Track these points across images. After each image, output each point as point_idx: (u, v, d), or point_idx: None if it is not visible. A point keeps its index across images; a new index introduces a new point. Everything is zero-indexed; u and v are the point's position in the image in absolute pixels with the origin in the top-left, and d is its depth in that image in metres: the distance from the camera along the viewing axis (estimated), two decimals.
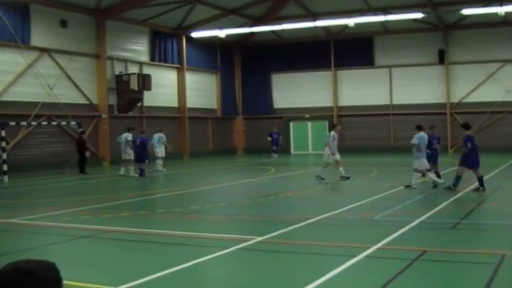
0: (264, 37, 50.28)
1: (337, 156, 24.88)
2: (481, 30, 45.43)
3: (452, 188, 19.82)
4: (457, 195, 19.09)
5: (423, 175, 21.83)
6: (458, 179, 20.00)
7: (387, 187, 21.18)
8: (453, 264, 10.38)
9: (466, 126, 21.01)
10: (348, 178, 24.49)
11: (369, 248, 11.06)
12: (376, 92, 48.54)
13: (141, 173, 28.97)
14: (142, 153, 29.41)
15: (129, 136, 30.91)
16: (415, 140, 21.43)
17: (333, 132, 25.59)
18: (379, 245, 11.32)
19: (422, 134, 21.75)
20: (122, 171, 30.33)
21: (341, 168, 24.74)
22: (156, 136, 32.49)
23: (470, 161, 20.04)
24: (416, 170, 21.45)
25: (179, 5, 41.27)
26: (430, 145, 22.01)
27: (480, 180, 19.90)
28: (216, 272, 10.38)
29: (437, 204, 16.79)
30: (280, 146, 45.69)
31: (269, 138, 45.55)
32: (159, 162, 31.63)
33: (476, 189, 19.85)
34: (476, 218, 15.11)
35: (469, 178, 20.81)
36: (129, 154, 30.36)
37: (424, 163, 21.36)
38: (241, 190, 22.50)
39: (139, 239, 13.02)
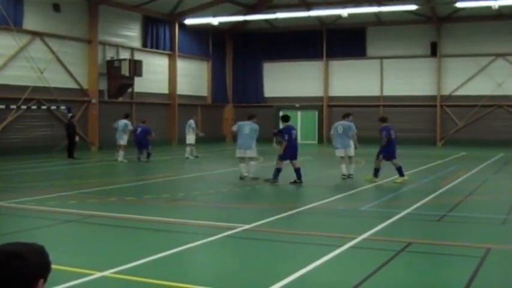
0: (257, 25, 50.22)
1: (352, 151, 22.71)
2: (474, 23, 45.47)
3: (375, 179, 20.59)
4: (445, 188, 19.15)
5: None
6: (377, 170, 20.72)
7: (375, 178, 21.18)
8: (438, 256, 10.42)
9: (383, 120, 21.23)
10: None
11: (354, 238, 11.09)
12: (367, 83, 48.56)
13: (148, 156, 29.86)
14: (144, 140, 30.15)
15: (128, 124, 31.16)
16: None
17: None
18: (364, 236, 11.34)
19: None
20: (120, 156, 30.30)
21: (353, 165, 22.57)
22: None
23: (387, 152, 20.71)
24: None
25: None
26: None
27: (375, 171, 20.65)
28: (202, 259, 10.38)
29: (425, 196, 16.83)
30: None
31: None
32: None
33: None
34: (462, 211, 15.15)
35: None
36: (124, 140, 30.55)
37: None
38: (229, 178, 22.48)
39: (125, 225, 13.01)
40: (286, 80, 50.93)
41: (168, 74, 45.99)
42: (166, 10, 44.10)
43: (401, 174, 20.80)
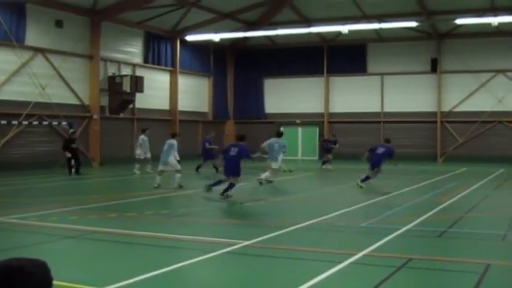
0: (258, 42, 50.37)
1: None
2: (474, 40, 45.65)
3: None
4: (445, 204, 19.18)
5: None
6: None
7: (376, 194, 21.22)
8: (438, 272, 10.44)
9: (241, 138, 21.63)
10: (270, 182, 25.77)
11: (354, 254, 11.10)
12: (368, 99, 48.68)
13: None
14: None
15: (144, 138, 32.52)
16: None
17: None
18: (365, 252, 11.36)
19: (173, 141, 24.46)
20: (149, 168, 31.66)
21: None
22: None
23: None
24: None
25: (174, 8, 41.29)
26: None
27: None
28: (201, 275, 10.36)
29: (425, 212, 16.84)
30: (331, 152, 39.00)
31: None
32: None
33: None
34: (463, 227, 15.17)
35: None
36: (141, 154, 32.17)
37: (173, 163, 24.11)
38: (232, 194, 22.49)
39: (125, 241, 13.00)
40: (287, 96, 51.07)
41: (169, 90, 46.10)
42: (168, 27, 44.26)
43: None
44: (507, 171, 34.59)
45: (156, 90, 44.17)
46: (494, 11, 40.91)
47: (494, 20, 38.49)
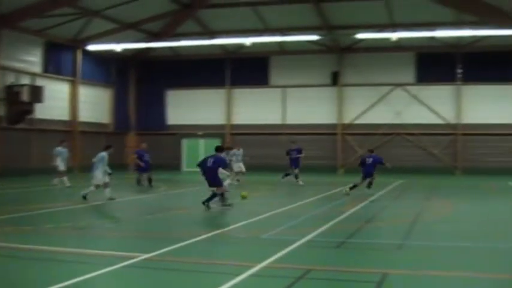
0: (161, 53, 50.11)
1: None
2: (374, 54, 46.72)
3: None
4: (345, 214, 19.43)
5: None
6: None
7: (277, 205, 21.33)
8: (336, 282, 10.55)
9: (219, 149, 22.03)
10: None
11: (254, 266, 11.08)
12: (270, 111, 49.08)
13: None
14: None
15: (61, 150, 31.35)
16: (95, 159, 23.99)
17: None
18: (264, 263, 11.37)
19: (103, 154, 24.04)
20: (65, 180, 30.70)
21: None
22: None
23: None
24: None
25: (76, 17, 40.72)
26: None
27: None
28: None
29: (325, 223, 17.00)
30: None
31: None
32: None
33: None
34: (361, 237, 15.38)
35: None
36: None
37: (98, 178, 23.69)
38: (131, 206, 22.28)
39: (21, 256, 12.56)
40: (189, 107, 50.93)
41: (70, 101, 45.26)
42: (69, 36, 43.49)
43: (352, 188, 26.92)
44: (406, 182, 35.39)
45: (56, 100, 43.30)
46: (394, 26, 41.95)
47: (393, 35, 39.41)
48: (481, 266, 11.73)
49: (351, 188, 26.93)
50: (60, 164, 30.76)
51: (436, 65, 45.67)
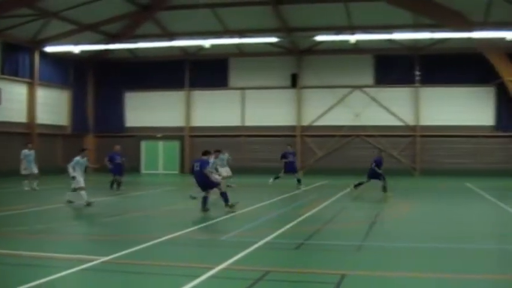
0: (120, 55, 49.78)
1: None
2: (333, 56, 47.01)
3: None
4: (304, 216, 19.48)
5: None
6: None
7: (236, 207, 21.27)
8: (295, 284, 10.58)
9: (204, 153, 21.78)
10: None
11: (213, 268, 11.09)
12: (229, 113, 49.06)
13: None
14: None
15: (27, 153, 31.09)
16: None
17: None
18: (223, 265, 11.38)
19: (77, 158, 23.93)
20: (35, 184, 30.47)
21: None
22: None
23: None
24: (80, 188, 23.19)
25: (34, 18, 40.31)
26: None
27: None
28: None
29: (284, 225, 17.03)
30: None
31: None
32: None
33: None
34: (320, 239, 15.43)
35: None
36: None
37: (79, 181, 23.38)
38: (89, 209, 22.08)
39: None
40: (148, 109, 50.69)
41: (27, 103, 44.75)
42: (27, 37, 43.01)
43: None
44: (365, 184, 35.55)
45: (13, 102, 42.77)
46: (352, 28, 42.23)
47: (352, 38, 39.61)
48: (438, 267, 11.83)
49: (356, 186, 29.37)
50: (27, 167, 30.51)
51: (395, 67, 45.99)
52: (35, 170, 30.97)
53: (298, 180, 32.56)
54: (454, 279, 10.77)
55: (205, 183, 20.87)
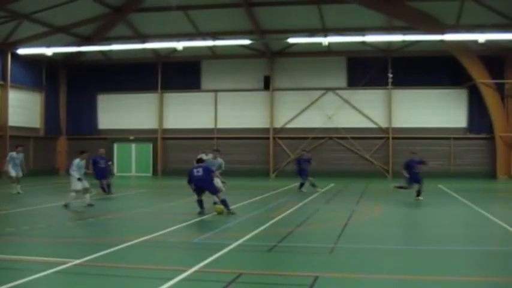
0: (92, 57, 49.59)
1: None
2: (305, 58, 47.13)
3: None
4: (277, 218, 19.49)
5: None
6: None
7: (208, 210, 21.22)
8: (268, 286, 10.58)
9: (200, 161, 22.01)
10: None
11: (185, 270, 11.08)
12: (202, 115, 49.06)
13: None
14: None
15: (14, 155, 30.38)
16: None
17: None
18: (195, 268, 11.36)
19: (76, 160, 23.19)
20: (19, 188, 29.59)
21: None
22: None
23: None
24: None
25: (5, 19, 40.07)
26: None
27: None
28: None
29: (256, 227, 17.04)
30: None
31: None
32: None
33: None
34: (292, 241, 15.43)
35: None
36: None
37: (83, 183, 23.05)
38: (61, 212, 21.93)
39: None
40: (121, 112, 50.58)
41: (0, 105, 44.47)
42: None
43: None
44: (337, 186, 35.69)
45: None
46: (325, 31, 42.35)
47: (325, 40, 39.67)
48: (411, 268, 11.91)
49: (399, 187, 28.59)
50: (12, 170, 29.90)
51: (368, 70, 46.24)
52: (20, 174, 30.15)
53: (312, 184, 31.46)
54: (428, 280, 10.82)
55: (207, 187, 20.95)
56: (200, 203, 20.87)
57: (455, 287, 10.64)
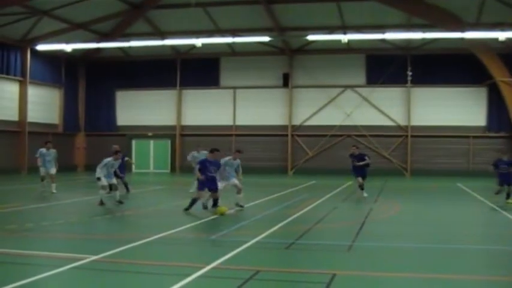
0: (111, 53, 49.72)
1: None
2: (324, 56, 47.04)
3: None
4: (295, 216, 19.45)
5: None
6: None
7: (227, 207, 21.19)
8: (285, 283, 10.53)
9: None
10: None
11: (203, 267, 11.04)
12: (220, 112, 49.08)
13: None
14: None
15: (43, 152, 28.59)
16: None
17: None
18: (213, 265, 11.33)
19: (108, 159, 22.62)
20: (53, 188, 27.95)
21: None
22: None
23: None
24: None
25: (25, 16, 40.22)
26: None
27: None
28: None
29: (274, 225, 17.00)
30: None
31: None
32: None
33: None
34: (310, 239, 15.38)
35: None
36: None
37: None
38: (80, 208, 21.99)
39: None
40: (139, 108, 50.68)
41: (18, 101, 44.64)
42: (18, 35, 42.93)
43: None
44: (355, 184, 35.52)
45: (4, 100, 42.82)
46: (344, 28, 42.23)
47: (344, 37, 39.56)
48: (429, 267, 11.82)
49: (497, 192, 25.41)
50: (41, 168, 28.30)
51: (387, 67, 46.07)
52: (53, 171, 28.35)
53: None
54: (445, 279, 10.75)
55: (213, 184, 20.84)
56: (194, 202, 20.79)
57: (474, 286, 10.56)
